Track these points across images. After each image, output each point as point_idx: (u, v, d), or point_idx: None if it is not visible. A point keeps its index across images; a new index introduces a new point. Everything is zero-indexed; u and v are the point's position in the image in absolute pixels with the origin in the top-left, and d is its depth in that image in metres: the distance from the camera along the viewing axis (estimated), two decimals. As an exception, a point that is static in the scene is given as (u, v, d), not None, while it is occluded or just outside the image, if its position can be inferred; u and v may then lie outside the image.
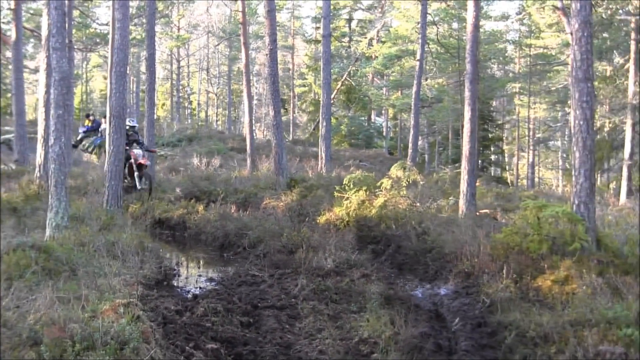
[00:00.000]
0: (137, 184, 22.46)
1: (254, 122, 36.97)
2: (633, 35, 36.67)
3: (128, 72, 27.87)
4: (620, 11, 36.60)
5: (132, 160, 22.42)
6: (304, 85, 65.90)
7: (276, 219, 18.05)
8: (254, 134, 33.73)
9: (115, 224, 16.15)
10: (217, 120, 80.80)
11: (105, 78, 60.40)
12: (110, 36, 20.44)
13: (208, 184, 23.75)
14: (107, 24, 38.37)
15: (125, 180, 22.23)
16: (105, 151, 22.42)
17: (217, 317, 9.55)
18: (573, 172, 13.70)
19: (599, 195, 18.38)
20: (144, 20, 32.94)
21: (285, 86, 68.09)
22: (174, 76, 68.57)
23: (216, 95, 78.70)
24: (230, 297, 11.03)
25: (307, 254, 13.75)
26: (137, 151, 22.70)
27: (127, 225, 16.18)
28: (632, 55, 36.28)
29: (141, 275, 11.81)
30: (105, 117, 25.39)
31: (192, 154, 34.60)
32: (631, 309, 9.65)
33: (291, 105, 65.81)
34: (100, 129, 33.96)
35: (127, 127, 22.14)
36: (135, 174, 22.41)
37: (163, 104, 75.19)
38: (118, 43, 18.82)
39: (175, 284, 12.92)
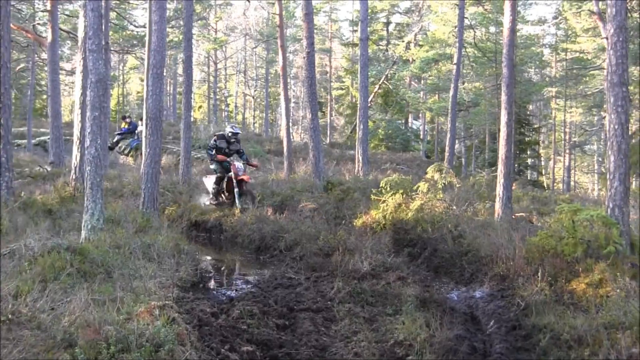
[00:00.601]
0: (238, 202, 20.55)
1: (291, 125, 37.06)
2: (668, 40, 36.58)
3: (165, 74, 27.85)
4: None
5: (232, 175, 20.88)
6: (341, 89, 66.04)
7: (313, 222, 18.09)
8: (291, 137, 33.80)
9: (151, 226, 16.20)
10: (254, 123, 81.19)
11: (141, 80, 60.65)
12: (147, 38, 20.48)
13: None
14: (144, 26, 38.71)
15: (222, 196, 21.45)
16: (141, 153, 22.28)
17: (253, 320, 9.62)
18: (608, 176, 13.70)
19: (633, 199, 18.31)
20: (181, 23, 33.09)
21: (322, 89, 68.14)
22: (211, 78, 68.86)
23: (253, 97, 78.99)
24: (266, 299, 11.08)
25: (344, 256, 13.80)
26: (238, 164, 21.15)
27: (162, 228, 16.25)
28: (668, 59, 36.19)
29: (177, 277, 11.88)
30: (142, 119, 25.39)
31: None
32: (665, 312, 9.66)
33: (328, 108, 65.91)
34: (136, 131, 34.13)
35: (230, 134, 21.88)
36: (235, 190, 20.66)
37: (200, 107, 75.46)
38: (155, 45, 18.90)
39: (211, 287, 13.00)
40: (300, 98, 71.67)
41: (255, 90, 77.91)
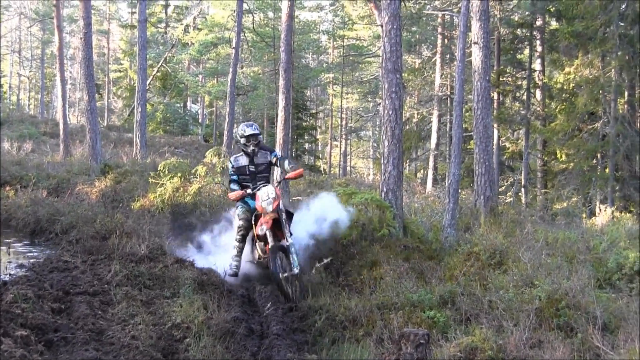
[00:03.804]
0: (273, 266, 11.17)
1: (67, 106, 36.46)
2: (440, 29, 38.17)
3: None
4: (428, 6, 37.84)
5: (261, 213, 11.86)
6: (120, 71, 65.17)
7: (89, 205, 17.90)
8: (68, 119, 33.26)
9: None
10: (29, 105, 79.10)
11: None
12: None
13: (19, 168, 23.27)
14: None
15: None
16: None
17: (27, 304, 9.38)
18: (382, 161, 14.17)
19: (406, 184, 18.97)
20: (-49, 0, 31.96)
21: (100, 71, 67.04)
22: (-16, 58, 66.87)
23: (28, 78, 77.00)
24: (41, 283, 10.80)
25: (121, 239, 13.66)
26: (265, 191, 11.89)
27: None
28: (439, 49, 37.87)
29: (-55, 262, 11.54)
30: None
31: (3, 138, 33.82)
32: (434, 292, 10.19)
33: (106, 90, 64.95)
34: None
35: (243, 139, 12.50)
36: (270, 241, 11.63)
37: (-29, 87, 73.09)
38: None
39: (-17, 271, 12.65)
40: (77, 80, 70.30)
41: (30, 71, 75.99)
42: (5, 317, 8.73)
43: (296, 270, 11.09)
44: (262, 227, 11.55)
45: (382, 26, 14.34)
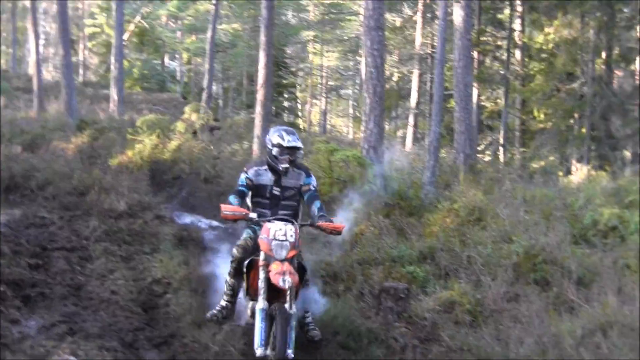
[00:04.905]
0: (258, 340, 7.23)
1: (41, 62, 36.09)
2: (421, -13, 37.96)
3: None
4: (410, -36, 37.77)
5: (261, 257, 7.59)
6: (95, 26, 64.52)
7: (66, 161, 17.71)
8: (42, 75, 32.91)
9: None
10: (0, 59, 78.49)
11: None
12: None
13: (-9, 125, 23.04)
14: None
15: (227, 295, 8.28)
16: None
17: (4, 260, 9.33)
18: (363, 118, 14.13)
19: (387, 141, 18.98)
20: None
21: (75, 26, 66.27)
22: (-47, 11, 66.18)
23: (-1, 32, 76.32)
24: (17, 239, 10.73)
25: (99, 195, 13.64)
26: (279, 227, 7.61)
27: None
28: (420, 7, 37.59)
29: None
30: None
31: (-30, 94, 33.53)
32: (414, 248, 10.31)
33: (81, 46, 64.38)
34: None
35: (276, 151, 8.21)
36: (261, 300, 7.51)
37: (-62, 41, 72.28)
38: None
39: (-42, 228, 12.52)
40: (51, 34, 69.66)
41: (1, 25, 75.24)
42: (-20, 273, 8.66)
43: (291, 356, 7.02)
44: (286, 279, 7.15)
45: (364, -18, 14.26)
